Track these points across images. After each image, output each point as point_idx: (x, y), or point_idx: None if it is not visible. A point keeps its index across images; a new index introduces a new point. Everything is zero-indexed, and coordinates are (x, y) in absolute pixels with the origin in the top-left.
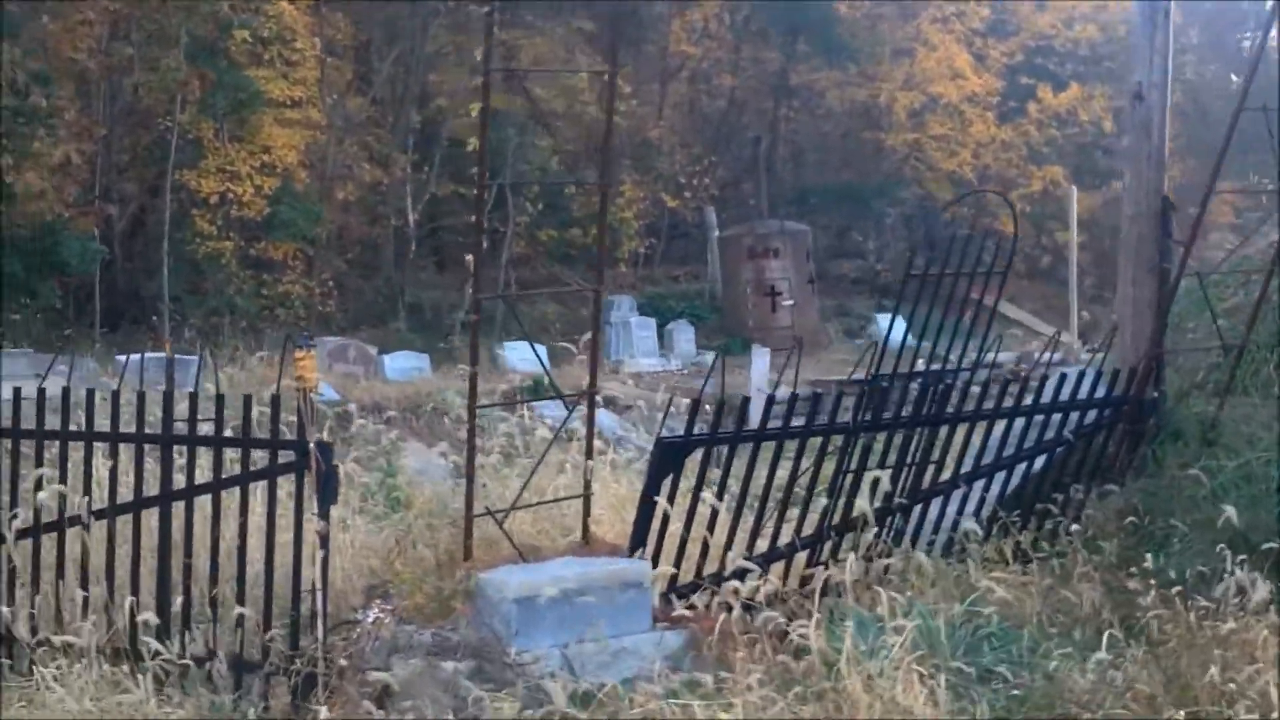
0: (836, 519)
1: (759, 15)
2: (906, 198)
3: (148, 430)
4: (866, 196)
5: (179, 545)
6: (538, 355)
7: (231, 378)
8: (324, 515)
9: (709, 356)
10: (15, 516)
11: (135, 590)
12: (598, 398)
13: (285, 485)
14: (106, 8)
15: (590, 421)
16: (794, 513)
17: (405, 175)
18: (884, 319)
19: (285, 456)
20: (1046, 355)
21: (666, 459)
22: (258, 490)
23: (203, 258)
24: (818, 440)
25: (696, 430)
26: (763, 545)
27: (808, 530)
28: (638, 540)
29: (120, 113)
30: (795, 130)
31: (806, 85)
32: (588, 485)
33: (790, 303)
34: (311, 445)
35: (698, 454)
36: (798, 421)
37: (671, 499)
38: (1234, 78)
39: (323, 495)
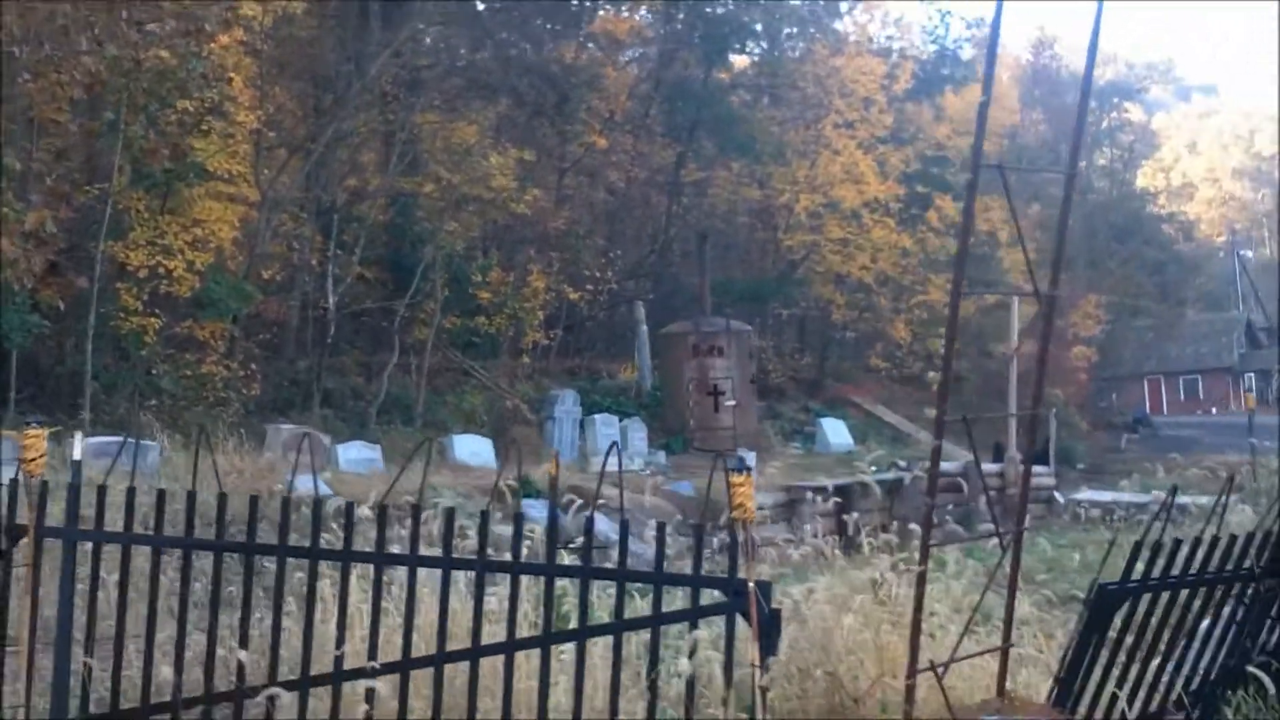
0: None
1: (659, 110)
2: (799, 298)
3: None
4: (764, 296)
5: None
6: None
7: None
8: (765, 667)
9: (661, 455)
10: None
11: None
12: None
13: None
14: (88, 69)
15: (1014, 566)
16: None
17: (328, 257)
18: (827, 423)
19: (710, 596)
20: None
21: (1106, 608)
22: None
23: (126, 334)
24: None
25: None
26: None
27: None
28: (1065, 698)
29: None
30: (687, 227)
31: (697, 183)
32: (1007, 635)
33: (733, 403)
34: (751, 585)
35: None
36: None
37: (1098, 651)
38: None
39: (764, 644)
